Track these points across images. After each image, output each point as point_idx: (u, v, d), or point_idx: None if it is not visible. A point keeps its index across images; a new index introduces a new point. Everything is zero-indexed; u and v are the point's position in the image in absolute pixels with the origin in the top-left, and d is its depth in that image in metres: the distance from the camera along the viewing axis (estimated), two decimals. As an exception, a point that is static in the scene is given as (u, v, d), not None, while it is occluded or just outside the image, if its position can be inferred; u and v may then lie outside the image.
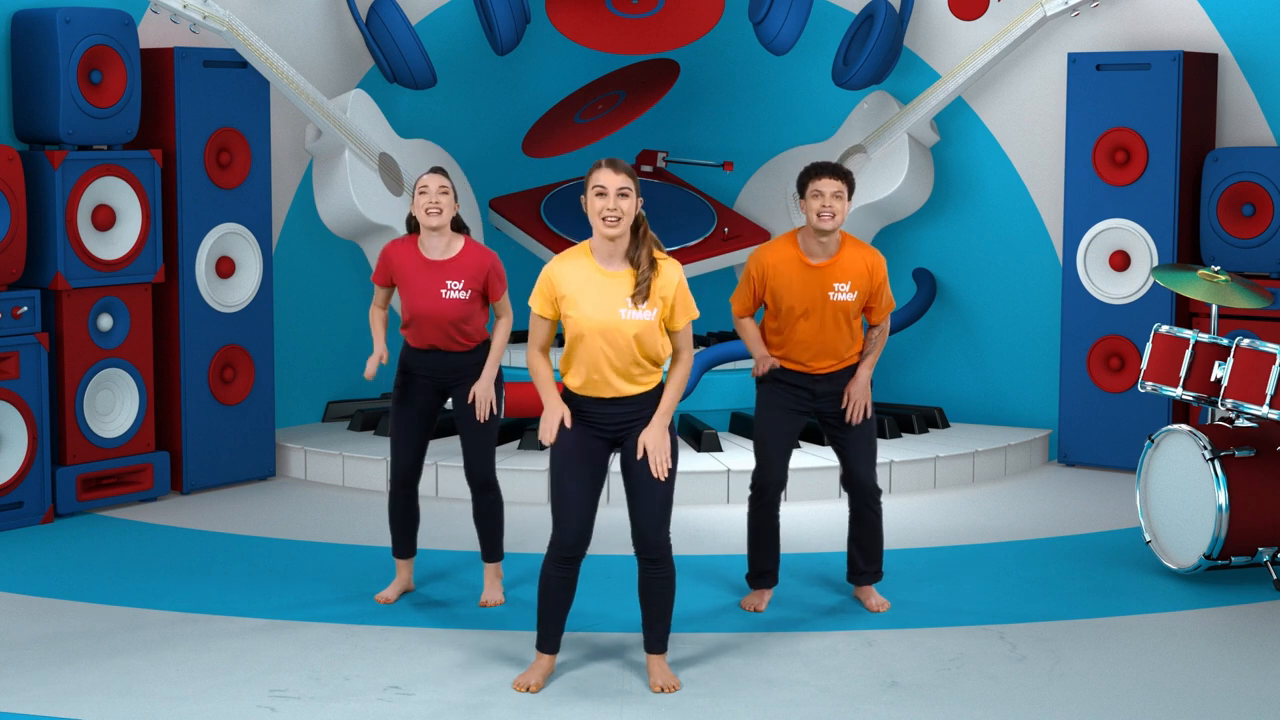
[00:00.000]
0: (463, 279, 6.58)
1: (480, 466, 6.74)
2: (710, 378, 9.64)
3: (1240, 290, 7.42)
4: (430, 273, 6.59)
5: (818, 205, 6.46)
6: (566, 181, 10.62)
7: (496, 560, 6.92)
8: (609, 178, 5.57)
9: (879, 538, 6.82)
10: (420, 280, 6.59)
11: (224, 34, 8.64)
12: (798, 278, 6.53)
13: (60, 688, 5.81)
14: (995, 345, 10.17)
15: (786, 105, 10.73)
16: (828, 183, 6.46)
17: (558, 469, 5.73)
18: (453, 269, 6.60)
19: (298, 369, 9.92)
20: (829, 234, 6.49)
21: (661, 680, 5.82)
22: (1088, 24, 9.66)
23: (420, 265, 6.61)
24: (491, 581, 6.91)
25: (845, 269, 6.55)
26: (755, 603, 6.82)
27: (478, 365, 6.68)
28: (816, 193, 6.46)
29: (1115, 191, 9.41)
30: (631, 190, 5.59)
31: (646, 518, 5.72)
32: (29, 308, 8.09)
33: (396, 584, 6.95)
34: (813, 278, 6.53)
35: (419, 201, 6.56)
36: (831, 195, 6.45)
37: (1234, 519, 6.98)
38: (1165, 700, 5.73)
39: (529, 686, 5.79)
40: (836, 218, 6.45)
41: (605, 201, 5.56)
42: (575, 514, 5.70)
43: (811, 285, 6.53)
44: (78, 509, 8.39)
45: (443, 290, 6.57)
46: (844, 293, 6.54)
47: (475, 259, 6.63)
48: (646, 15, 9.98)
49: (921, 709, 5.64)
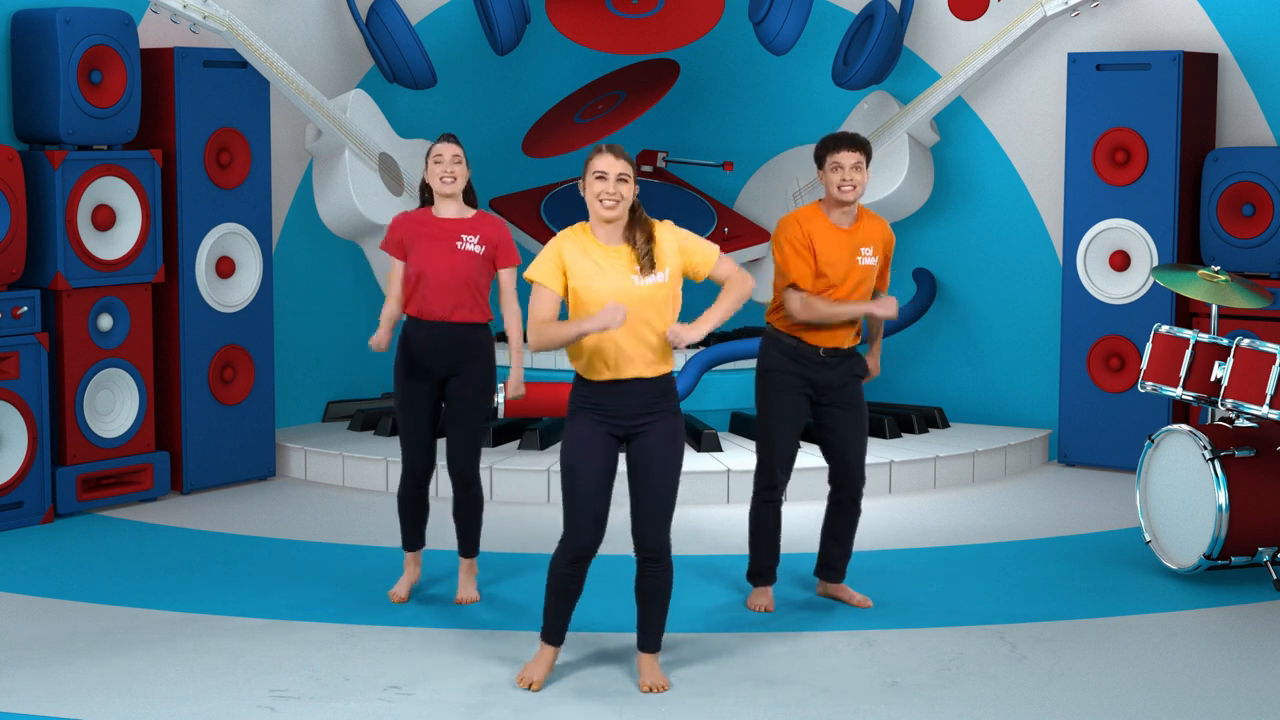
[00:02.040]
0: (477, 235, 6.62)
1: (465, 462, 6.72)
2: (710, 378, 9.64)
3: (1240, 290, 7.42)
4: (444, 229, 6.62)
5: (838, 178, 6.48)
6: (566, 181, 10.62)
7: (473, 556, 6.91)
8: (609, 163, 5.60)
9: (854, 533, 6.82)
10: (433, 237, 6.61)
11: (224, 34, 8.64)
12: (833, 240, 6.54)
13: (60, 688, 5.81)
14: (995, 345, 10.17)
15: (786, 105, 10.74)
16: (846, 154, 6.47)
17: (570, 472, 5.71)
18: (466, 226, 6.64)
19: (298, 369, 9.92)
20: (850, 204, 6.52)
21: (651, 680, 5.82)
22: (1088, 24, 9.66)
23: (433, 224, 6.65)
24: (466, 578, 6.90)
25: (868, 235, 6.61)
26: (763, 602, 6.81)
27: (480, 347, 6.67)
28: (836, 165, 6.48)
29: (1115, 191, 9.41)
30: (630, 176, 5.62)
31: (649, 518, 5.72)
32: (29, 308, 8.09)
33: (406, 579, 6.94)
34: (845, 241, 6.55)
35: (433, 170, 6.61)
36: (851, 167, 6.47)
37: (1234, 519, 6.98)
38: (1165, 700, 5.73)
39: (531, 684, 5.80)
40: (857, 189, 6.48)
41: (605, 185, 5.60)
42: (589, 517, 5.69)
43: (844, 248, 6.55)
44: (78, 509, 8.39)
45: (458, 243, 6.59)
46: (869, 258, 6.59)
47: (488, 220, 6.69)
48: (646, 15, 9.98)
49: (921, 709, 5.64)
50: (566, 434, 5.73)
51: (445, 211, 6.67)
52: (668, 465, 5.71)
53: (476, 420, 6.70)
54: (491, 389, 6.75)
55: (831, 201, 6.56)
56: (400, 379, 6.73)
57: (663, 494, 5.71)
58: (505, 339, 10.20)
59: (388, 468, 8.95)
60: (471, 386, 6.68)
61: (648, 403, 5.68)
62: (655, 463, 5.69)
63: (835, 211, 6.57)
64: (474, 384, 6.69)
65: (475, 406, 6.70)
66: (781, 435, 6.66)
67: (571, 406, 5.76)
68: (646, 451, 5.70)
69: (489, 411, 6.76)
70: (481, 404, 6.71)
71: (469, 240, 6.61)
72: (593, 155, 5.63)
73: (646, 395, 5.68)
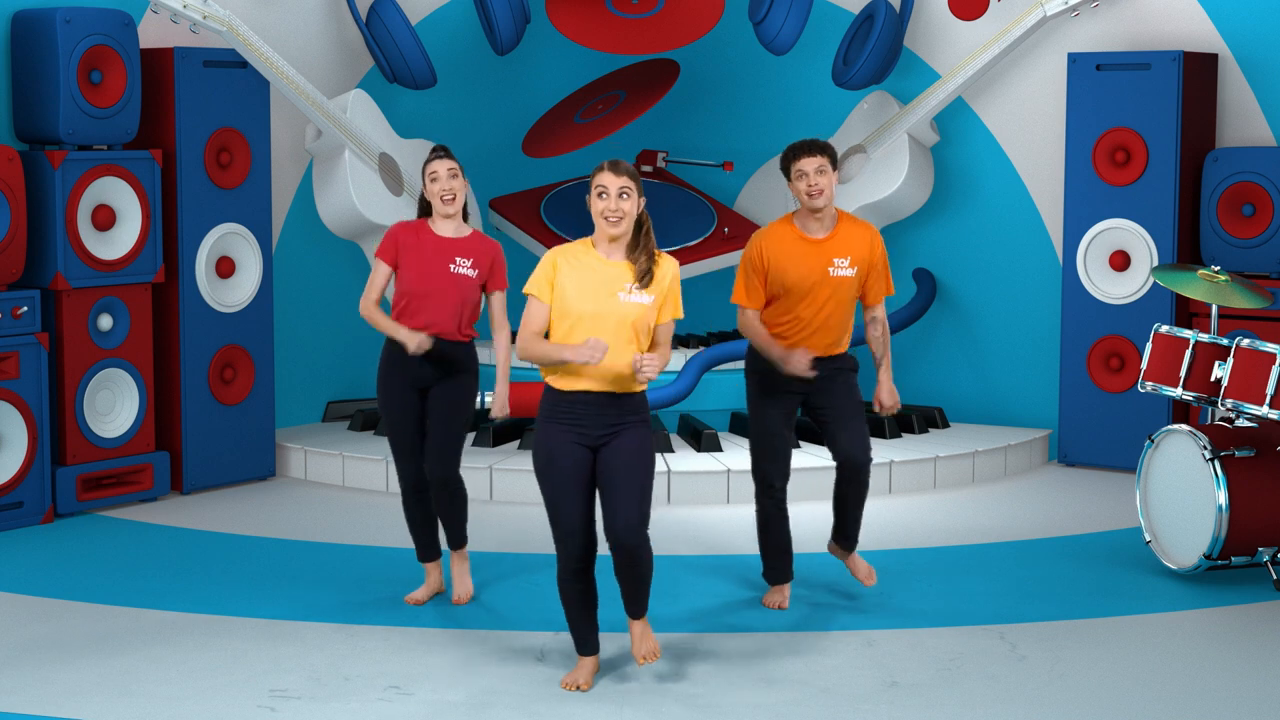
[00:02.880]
0: (471, 258, 6.62)
1: (445, 464, 6.69)
2: (710, 378, 9.64)
3: (1240, 290, 7.42)
4: (440, 248, 6.62)
5: (804, 185, 6.47)
6: (566, 181, 10.62)
7: (461, 546, 6.90)
8: (609, 179, 5.65)
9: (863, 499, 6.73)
10: (429, 256, 6.61)
11: (224, 34, 8.64)
12: (798, 253, 6.50)
13: (60, 688, 5.81)
14: (995, 345, 10.17)
15: (786, 105, 10.73)
16: (808, 160, 6.47)
17: (543, 478, 5.72)
18: (462, 248, 6.64)
19: (298, 369, 9.92)
20: (822, 210, 6.50)
21: (644, 648, 5.81)
22: (1088, 24, 9.66)
23: (430, 242, 6.64)
24: (460, 573, 6.89)
25: (844, 244, 6.55)
26: (778, 600, 6.81)
27: (465, 361, 6.67)
28: (800, 173, 6.47)
29: (1115, 191, 9.41)
30: (633, 191, 5.65)
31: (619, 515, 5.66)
32: (29, 308, 8.09)
33: (427, 587, 6.92)
34: (813, 253, 6.51)
35: (431, 189, 6.61)
36: (815, 171, 6.45)
37: (1234, 519, 6.98)
38: (1165, 700, 5.73)
39: (579, 685, 5.80)
40: (825, 193, 6.46)
41: (607, 203, 5.65)
42: (575, 530, 5.70)
43: (812, 260, 6.50)
44: (78, 509, 8.39)
45: (452, 265, 6.59)
46: (844, 268, 6.53)
47: (483, 243, 6.70)
48: (646, 15, 9.98)
49: (921, 709, 5.64)
50: (535, 443, 5.75)
51: (443, 229, 6.67)
52: (637, 466, 5.66)
53: (456, 426, 6.68)
54: (473, 396, 6.74)
55: (804, 211, 6.55)
56: (384, 394, 6.71)
57: (633, 493, 5.64)
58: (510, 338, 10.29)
59: (388, 468, 8.95)
60: (453, 392, 6.68)
61: (617, 414, 5.69)
62: (624, 464, 5.65)
63: (809, 221, 6.54)
64: (456, 391, 6.68)
65: (455, 413, 6.68)
66: (770, 435, 6.65)
67: (541, 414, 5.75)
68: (615, 454, 5.67)
69: (470, 418, 6.76)
70: (462, 411, 6.69)
71: (463, 264, 6.61)
72: (595, 172, 5.69)
73: (615, 409, 5.68)
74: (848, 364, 6.69)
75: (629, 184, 5.64)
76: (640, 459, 5.69)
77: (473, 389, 6.73)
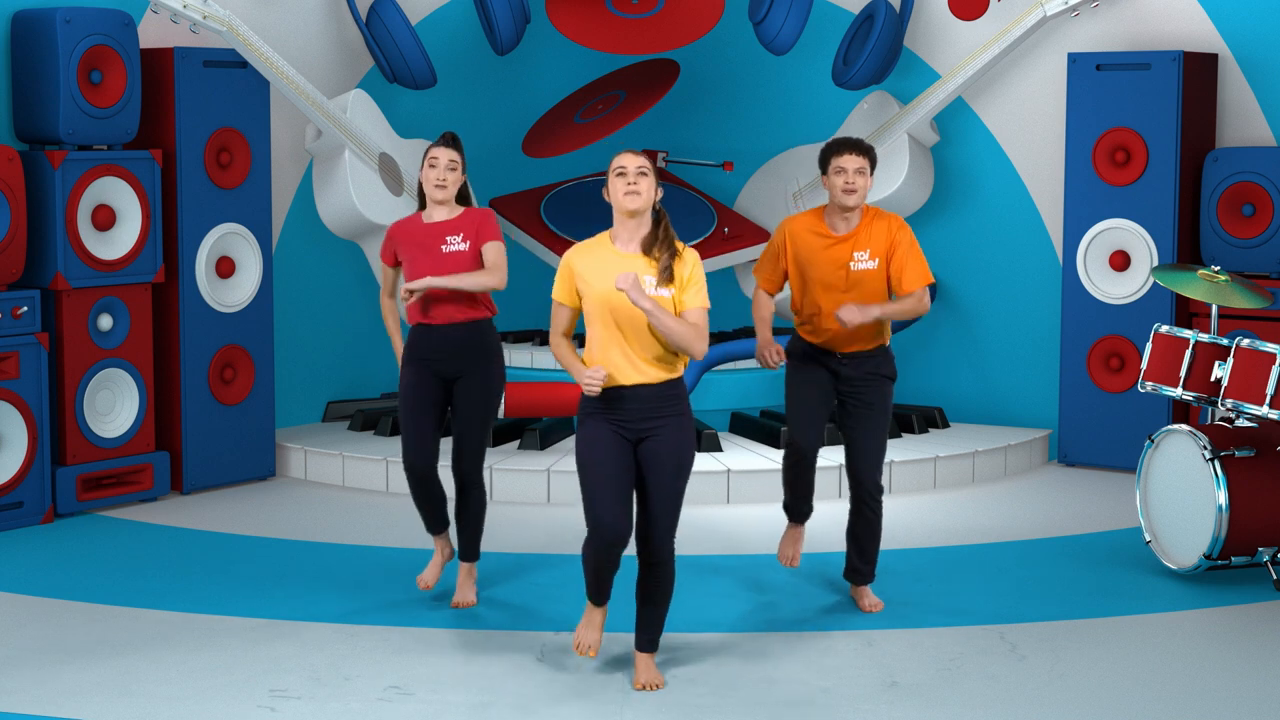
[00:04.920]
0: (460, 232, 6.65)
1: (470, 463, 6.71)
2: (710, 378, 9.64)
3: (1240, 290, 7.42)
4: (430, 234, 6.66)
5: (841, 181, 6.50)
6: (566, 181, 10.62)
7: (473, 560, 6.91)
8: (628, 159, 5.78)
9: (876, 537, 6.81)
10: (421, 241, 6.65)
11: (224, 34, 8.64)
12: (820, 247, 6.57)
13: (60, 688, 5.81)
14: (995, 345, 10.17)
15: (786, 105, 10.73)
16: (850, 159, 6.50)
17: (582, 469, 5.75)
18: (451, 227, 6.67)
19: (298, 369, 9.92)
20: (853, 209, 6.53)
21: (645, 678, 5.83)
22: (1088, 24, 9.66)
23: (420, 231, 6.69)
24: (465, 582, 6.88)
25: (865, 238, 6.58)
26: (790, 554, 6.88)
27: (484, 347, 6.68)
28: (839, 169, 6.51)
29: (1115, 191, 9.41)
30: (649, 170, 5.77)
31: (655, 523, 5.74)
32: (29, 308, 8.09)
33: (434, 564, 6.88)
34: (835, 248, 6.56)
35: (428, 175, 6.66)
36: (854, 171, 6.49)
37: (1234, 519, 6.98)
38: (1165, 700, 5.73)
39: (589, 650, 5.84)
40: (859, 193, 6.50)
41: (625, 179, 5.74)
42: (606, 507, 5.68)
43: (833, 254, 6.55)
44: (78, 509, 8.39)
45: (443, 246, 6.62)
46: (864, 261, 6.56)
47: (470, 214, 6.73)
48: (646, 15, 9.98)
49: (921, 709, 5.64)
50: (577, 438, 5.80)
51: (435, 215, 6.71)
52: (676, 472, 5.73)
53: (482, 424, 6.70)
54: (499, 387, 6.76)
55: (834, 206, 6.57)
56: (405, 377, 6.72)
57: (669, 501, 5.74)
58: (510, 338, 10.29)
59: (388, 468, 8.95)
60: (478, 389, 6.68)
61: (655, 407, 5.71)
62: (663, 469, 5.72)
63: (835, 217, 6.59)
64: (481, 387, 6.68)
65: (482, 410, 6.70)
66: (798, 402, 6.68)
67: (581, 413, 5.81)
68: (655, 457, 5.72)
69: (496, 410, 6.77)
70: (488, 408, 6.71)
71: (454, 241, 6.63)
72: (613, 158, 5.81)
73: (652, 400, 5.71)
74: (883, 369, 6.69)
75: (645, 164, 5.77)
76: (680, 464, 5.75)
77: (499, 378, 6.76)
